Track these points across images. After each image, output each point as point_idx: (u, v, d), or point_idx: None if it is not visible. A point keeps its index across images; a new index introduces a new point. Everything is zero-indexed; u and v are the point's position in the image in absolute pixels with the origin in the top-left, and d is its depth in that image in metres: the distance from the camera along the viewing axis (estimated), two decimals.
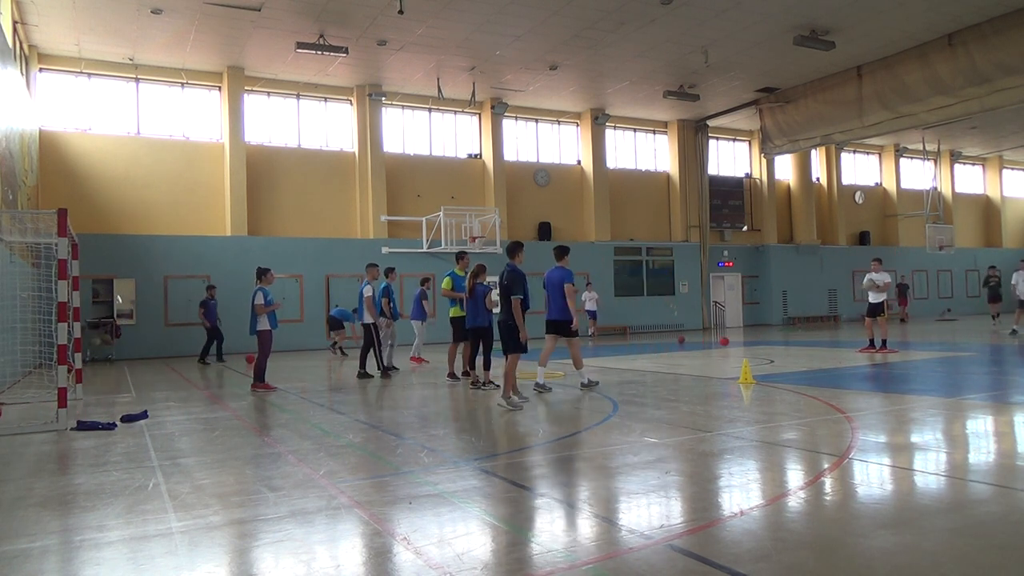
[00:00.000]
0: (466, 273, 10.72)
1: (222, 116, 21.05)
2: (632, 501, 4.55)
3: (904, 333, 20.96)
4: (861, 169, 33.62)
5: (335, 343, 18.35)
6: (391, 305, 13.34)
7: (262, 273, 10.97)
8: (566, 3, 16.84)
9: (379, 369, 12.54)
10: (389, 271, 14.10)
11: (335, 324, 18.24)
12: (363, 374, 12.31)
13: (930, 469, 5.19)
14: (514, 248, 9.25)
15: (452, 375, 11.41)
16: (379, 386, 11.28)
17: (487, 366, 10.35)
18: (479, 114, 24.70)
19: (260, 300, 10.59)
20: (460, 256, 11.77)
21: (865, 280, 14.76)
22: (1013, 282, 18.94)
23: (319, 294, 21.65)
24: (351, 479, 5.15)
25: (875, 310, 14.44)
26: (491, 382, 10.15)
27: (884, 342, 14.30)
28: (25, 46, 17.73)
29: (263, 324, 10.67)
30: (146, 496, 4.79)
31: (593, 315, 22.87)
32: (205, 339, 17.12)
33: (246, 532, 4.05)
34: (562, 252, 9.78)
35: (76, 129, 19.68)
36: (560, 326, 9.57)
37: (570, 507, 4.32)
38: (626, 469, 5.26)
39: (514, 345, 8.56)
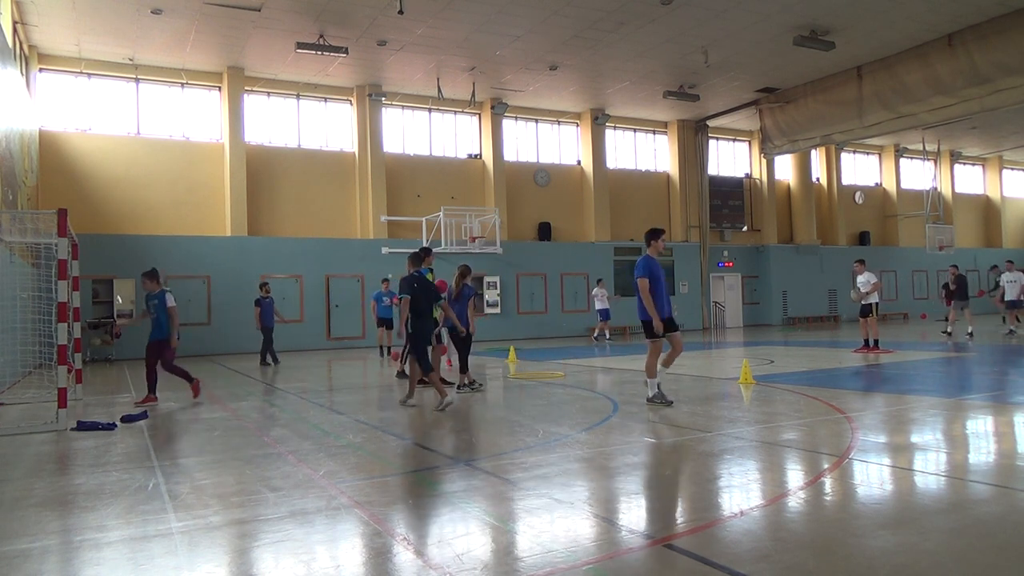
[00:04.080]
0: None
1: (222, 116, 21.06)
2: (632, 501, 4.55)
3: (909, 333, 20.95)
4: (861, 169, 33.62)
5: (385, 346, 16.69)
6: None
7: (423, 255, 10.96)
8: (566, 3, 16.84)
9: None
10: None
11: (390, 324, 16.17)
12: (402, 373, 11.84)
13: (930, 469, 5.19)
14: (418, 256, 9.10)
15: (421, 381, 10.10)
16: (381, 387, 11.27)
17: (464, 368, 10.23)
18: (479, 114, 24.70)
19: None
20: (427, 253, 10.27)
21: (852, 293, 15.23)
22: (1001, 283, 18.91)
23: (319, 294, 21.65)
24: (351, 479, 5.15)
25: (866, 310, 14.69)
26: (474, 382, 10.08)
27: (876, 342, 14.49)
28: (25, 46, 17.73)
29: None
30: (146, 496, 4.79)
31: (606, 314, 21.69)
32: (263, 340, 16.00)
33: (246, 532, 4.05)
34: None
35: (76, 129, 19.68)
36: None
37: (570, 507, 4.32)
38: (626, 469, 5.25)
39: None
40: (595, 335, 21.98)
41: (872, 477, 4.99)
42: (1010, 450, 5.79)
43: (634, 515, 4.29)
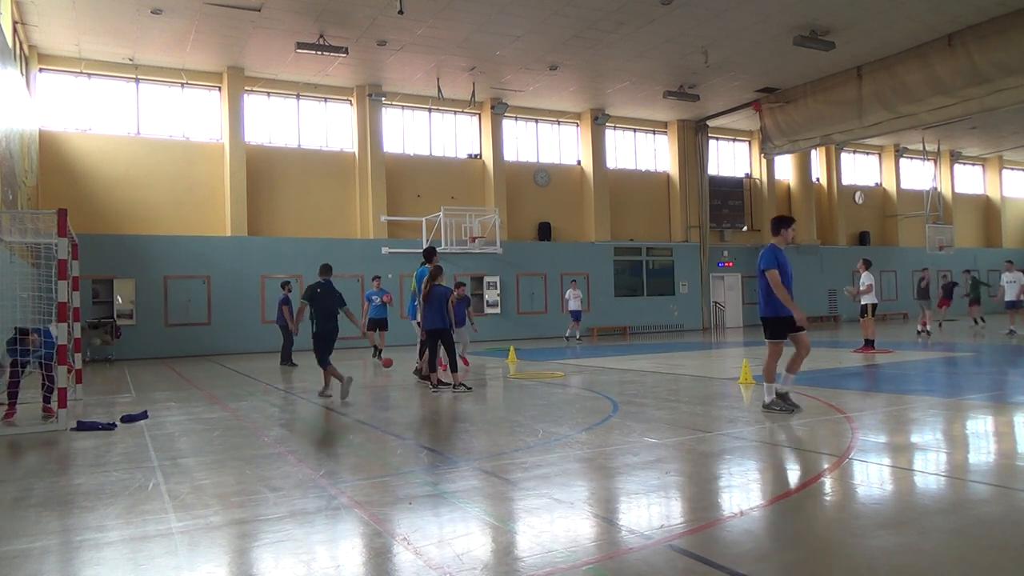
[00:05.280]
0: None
1: (222, 116, 21.06)
2: (632, 501, 4.55)
3: (909, 334, 20.94)
4: (861, 169, 33.62)
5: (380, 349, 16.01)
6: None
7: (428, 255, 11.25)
8: (566, 3, 16.84)
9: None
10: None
11: (382, 325, 15.88)
12: (419, 371, 11.63)
13: (930, 469, 5.19)
14: (327, 267, 10.38)
15: (425, 377, 10.85)
16: (381, 387, 11.27)
17: (454, 368, 10.21)
18: (479, 114, 24.71)
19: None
20: (433, 253, 11.03)
21: (845, 290, 15.39)
22: (1001, 283, 18.98)
23: None
24: (351, 479, 5.15)
25: (863, 311, 14.86)
26: (462, 384, 10.01)
27: (872, 342, 14.59)
28: (25, 46, 17.73)
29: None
30: (146, 496, 4.79)
31: (577, 316, 21.52)
32: (283, 340, 15.81)
33: (246, 532, 4.05)
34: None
35: (76, 129, 19.68)
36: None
37: (570, 507, 4.32)
38: (626, 469, 5.25)
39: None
40: (567, 335, 22.03)
41: (872, 477, 4.98)
42: (1010, 450, 5.79)
43: (634, 515, 4.29)
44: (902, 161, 33.98)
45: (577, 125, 26.61)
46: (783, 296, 7.31)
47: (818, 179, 31.81)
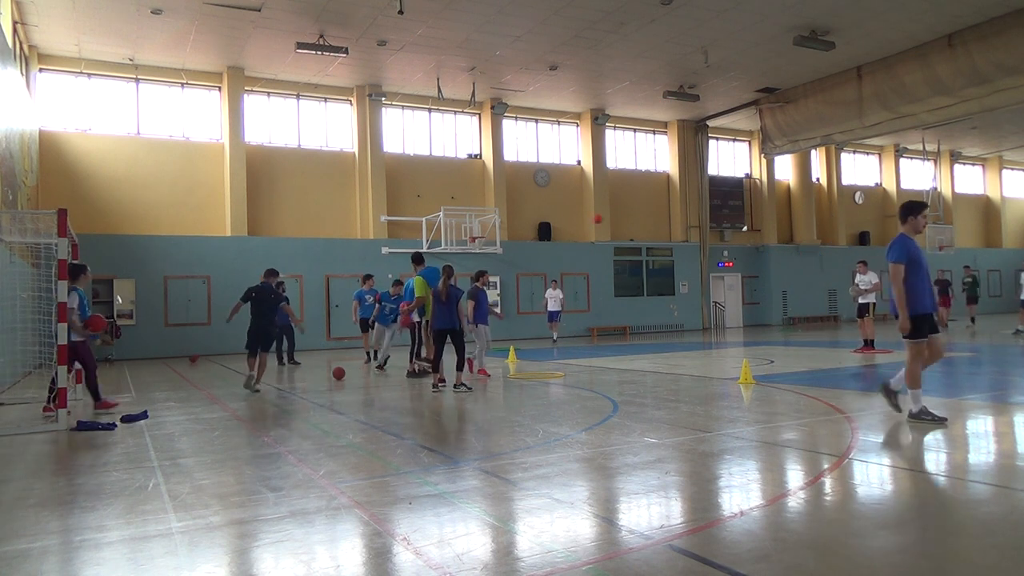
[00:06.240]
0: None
1: (222, 116, 21.06)
2: (632, 501, 4.55)
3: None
4: (861, 169, 33.62)
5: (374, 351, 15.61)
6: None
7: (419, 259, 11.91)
8: (566, 3, 16.84)
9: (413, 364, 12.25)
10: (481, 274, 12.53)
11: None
12: (412, 373, 12.09)
13: (930, 469, 5.19)
14: (273, 271, 11.13)
15: (423, 373, 11.75)
16: (381, 387, 11.28)
17: (460, 367, 10.29)
18: (479, 114, 24.71)
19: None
20: (422, 258, 11.60)
21: (851, 290, 15.25)
22: (1020, 282, 18.94)
23: (319, 294, 21.66)
24: (351, 479, 5.15)
25: (862, 310, 14.81)
26: (463, 384, 10.04)
27: (871, 342, 14.55)
28: (25, 46, 17.73)
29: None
30: (146, 496, 4.79)
31: (555, 316, 21.45)
32: (285, 340, 15.78)
33: (246, 532, 4.05)
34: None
35: (76, 129, 19.69)
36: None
37: (570, 507, 4.32)
38: (626, 469, 5.25)
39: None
40: (554, 337, 21.99)
41: (872, 477, 4.98)
42: (1010, 450, 5.79)
43: (634, 515, 4.29)
44: (902, 161, 33.98)
45: (577, 125, 26.61)
46: (898, 294, 6.53)
47: (818, 179, 31.81)
